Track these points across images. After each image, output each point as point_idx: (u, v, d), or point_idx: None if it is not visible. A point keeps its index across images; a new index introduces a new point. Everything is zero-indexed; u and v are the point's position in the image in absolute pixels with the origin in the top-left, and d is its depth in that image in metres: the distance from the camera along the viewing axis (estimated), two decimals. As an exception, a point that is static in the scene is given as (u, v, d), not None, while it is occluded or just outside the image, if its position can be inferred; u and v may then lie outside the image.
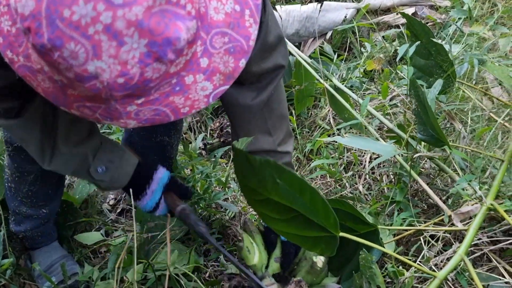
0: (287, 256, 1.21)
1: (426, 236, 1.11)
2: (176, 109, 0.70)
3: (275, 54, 1.07)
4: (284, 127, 1.17)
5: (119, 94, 0.64)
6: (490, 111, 1.27)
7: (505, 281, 0.98)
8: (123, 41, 0.59)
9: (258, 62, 1.05)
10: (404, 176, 1.25)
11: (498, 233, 1.08)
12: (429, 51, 1.28)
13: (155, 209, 1.13)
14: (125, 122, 0.70)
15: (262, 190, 0.94)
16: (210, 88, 0.72)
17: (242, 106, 1.10)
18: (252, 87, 1.09)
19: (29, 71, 0.67)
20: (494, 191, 1.03)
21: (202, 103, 0.72)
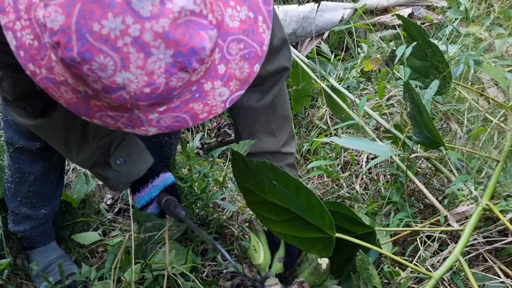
0: (291, 256, 1.22)
1: (422, 236, 1.11)
2: (195, 115, 0.72)
3: (280, 56, 1.09)
4: (287, 128, 1.18)
5: (144, 103, 0.66)
6: (486, 112, 1.28)
7: (501, 281, 0.98)
8: (150, 52, 0.61)
9: (264, 65, 1.06)
10: (400, 176, 1.26)
11: (494, 233, 1.09)
12: (425, 53, 1.29)
13: (148, 204, 1.13)
14: (146, 129, 0.72)
15: (259, 191, 0.95)
16: (227, 93, 0.73)
17: (247, 108, 1.11)
18: (256, 89, 1.10)
19: (51, 83, 0.68)
20: (490, 191, 1.03)
21: (219, 108, 0.74)
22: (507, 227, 1.08)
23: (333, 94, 1.53)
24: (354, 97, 1.52)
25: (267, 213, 0.99)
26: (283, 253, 1.23)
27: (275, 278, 1.18)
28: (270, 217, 0.99)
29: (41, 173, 1.23)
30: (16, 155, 1.20)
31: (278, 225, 1.00)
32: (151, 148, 1.45)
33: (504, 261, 1.07)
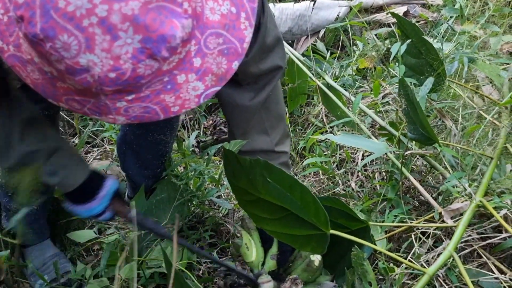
0: (284, 254, 1.22)
1: (417, 233, 1.12)
2: (166, 108, 0.70)
3: (273, 55, 1.08)
4: (281, 127, 1.17)
5: (109, 89, 0.64)
6: (480, 109, 1.28)
7: (495, 276, 0.99)
8: (117, 35, 0.59)
9: (256, 63, 1.05)
10: (395, 174, 1.26)
11: (488, 230, 1.09)
12: (419, 50, 1.29)
13: (100, 214, 1.11)
14: (114, 118, 0.70)
15: (253, 190, 0.94)
16: (201, 88, 0.71)
17: (240, 106, 1.10)
18: (249, 88, 1.09)
19: (18, 61, 0.67)
20: (483, 188, 1.04)
21: (193, 103, 0.72)
22: (501, 224, 1.09)
23: (329, 92, 1.53)
24: (349, 95, 1.52)
25: (260, 211, 0.99)
26: (276, 250, 1.24)
27: (268, 275, 1.19)
28: (263, 215, 0.99)
29: None
30: None
31: (271, 224, 0.99)
32: (147, 146, 1.45)
33: (498, 257, 1.07)
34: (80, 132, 1.99)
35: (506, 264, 1.04)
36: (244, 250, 1.21)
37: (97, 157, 1.96)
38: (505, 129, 1.16)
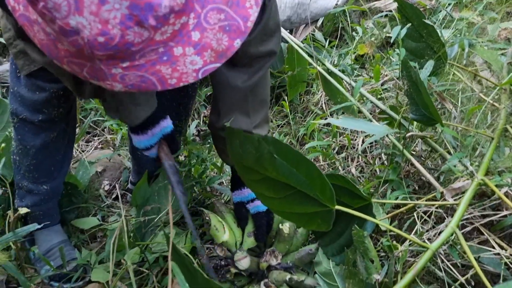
0: (260, 228, 1.25)
1: (419, 212, 1.13)
2: (163, 79, 0.71)
3: (273, 39, 1.10)
4: (263, 112, 1.19)
5: (100, 53, 0.65)
6: (481, 92, 1.30)
7: (496, 252, 1.01)
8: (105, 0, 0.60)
9: (257, 44, 1.07)
10: (396, 156, 1.27)
11: (488, 209, 1.11)
12: (420, 34, 1.30)
13: (147, 149, 1.14)
14: (111, 84, 0.71)
15: (259, 168, 0.95)
16: (200, 63, 0.71)
17: (233, 87, 1.12)
18: (244, 70, 1.11)
19: (27, 20, 0.68)
20: (484, 167, 1.06)
21: (191, 77, 0.72)
22: (501, 202, 1.11)
23: (330, 78, 1.54)
24: (350, 80, 1.53)
25: (267, 191, 1.00)
26: (252, 227, 1.26)
27: (244, 252, 1.22)
28: (269, 195, 1.00)
29: (42, 146, 1.23)
30: (19, 126, 1.21)
31: (277, 203, 1.01)
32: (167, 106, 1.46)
33: (499, 235, 1.09)
34: (81, 122, 1.99)
35: (506, 241, 1.06)
36: (214, 232, 1.24)
37: (98, 146, 1.97)
38: (505, 110, 1.17)
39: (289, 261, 1.24)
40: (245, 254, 1.21)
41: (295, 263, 1.22)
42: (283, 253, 1.25)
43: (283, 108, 2.03)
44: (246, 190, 1.26)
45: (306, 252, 1.19)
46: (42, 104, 1.15)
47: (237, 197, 1.28)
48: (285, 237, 1.22)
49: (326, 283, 1.17)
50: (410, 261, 1.08)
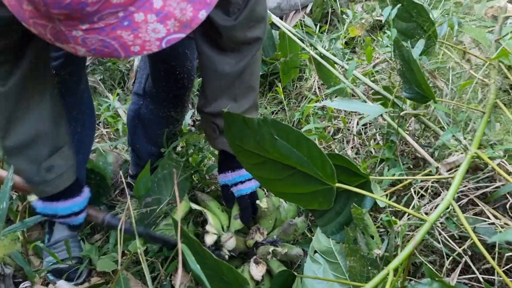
0: (245, 210, 1.29)
1: (416, 187, 1.17)
2: (125, 45, 0.71)
3: (260, 26, 1.11)
4: (250, 98, 1.21)
5: (55, 11, 0.65)
6: (470, 69, 1.33)
7: (491, 222, 1.04)
8: None
9: (243, 29, 1.09)
10: (392, 135, 1.30)
11: (482, 181, 1.15)
12: (410, 14, 1.33)
13: (78, 213, 1.18)
14: (74, 47, 0.71)
15: (260, 150, 0.97)
16: (163, 31, 0.71)
17: (220, 72, 1.14)
18: (232, 55, 1.13)
19: None
20: (477, 140, 1.09)
21: (154, 46, 0.72)
22: (494, 174, 1.14)
23: (323, 61, 1.56)
24: (342, 63, 1.55)
25: (267, 173, 1.02)
26: (237, 209, 1.30)
27: (229, 232, 1.25)
28: (270, 177, 1.02)
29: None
30: None
31: (278, 184, 1.02)
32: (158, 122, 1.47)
33: (493, 206, 1.13)
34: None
35: (501, 211, 1.10)
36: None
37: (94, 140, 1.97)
38: (495, 85, 1.20)
39: (275, 235, 1.27)
40: (231, 235, 1.24)
41: (280, 236, 1.26)
42: (269, 228, 1.28)
43: (277, 95, 2.05)
44: (231, 174, 1.28)
45: (288, 224, 1.23)
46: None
47: (222, 180, 1.31)
48: (265, 212, 1.26)
49: (328, 261, 1.20)
50: (409, 235, 1.11)
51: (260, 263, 1.21)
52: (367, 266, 1.04)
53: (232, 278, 0.89)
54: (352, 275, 1.08)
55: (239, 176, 1.28)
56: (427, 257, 1.12)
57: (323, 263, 1.18)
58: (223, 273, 0.91)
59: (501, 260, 1.04)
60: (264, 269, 1.21)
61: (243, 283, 0.89)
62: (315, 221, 1.26)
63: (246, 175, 1.28)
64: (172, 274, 1.34)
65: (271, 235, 1.29)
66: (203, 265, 0.88)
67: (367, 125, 1.67)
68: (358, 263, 1.08)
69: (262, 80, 2.15)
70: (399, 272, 0.90)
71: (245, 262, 1.29)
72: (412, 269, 1.15)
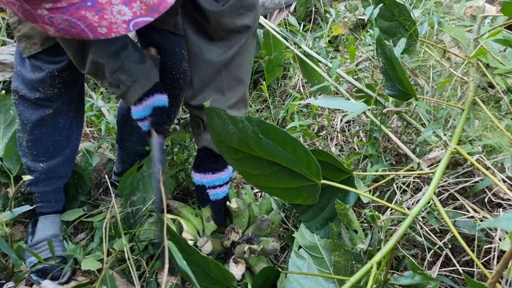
0: (218, 213, 1.29)
1: (398, 183, 1.19)
2: (91, 26, 0.71)
3: (250, 14, 1.10)
4: (239, 91, 1.18)
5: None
6: (450, 67, 1.36)
7: (470, 215, 1.07)
8: None
9: (232, 16, 1.08)
10: (375, 132, 1.33)
11: (461, 176, 1.18)
12: (392, 13, 1.35)
13: (141, 120, 1.17)
14: (43, 26, 0.72)
15: (244, 147, 0.97)
16: (129, 14, 0.71)
17: (207, 61, 1.12)
18: (220, 44, 1.12)
19: None
20: (457, 136, 1.12)
21: (121, 28, 0.72)
22: (473, 170, 1.18)
23: (307, 59, 1.58)
24: (326, 61, 1.57)
25: (251, 168, 1.02)
26: (209, 212, 1.30)
27: (204, 237, 1.26)
28: (254, 172, 1.02)
29: (38, 122, 1.27)
30: (19, 103, 1.27)
31: (263, 179, 1.03)
32: None
33: (473, 201, 1.16)
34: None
35: (480, 205, 1.13)
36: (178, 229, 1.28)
37: (78, 139, 1.95)
38: (474, 82, 1.24)
39: (250, 233, 1.28)
40: (206, 239, 1.25)
41: (255, 233, 1.27)
42: (243, 227, 1.29)
43: (262, 93, 2.06)
44: (210, 176, 1.26)
45: (260, 220, 1.24)
46: (38, 83, 1.20)
47: (198, 180, 1.29)
48: (236, 212, 1.26)
49: (312, 256, 1.21)
50: (392, 230, 1.14)
51: (239, 262, 1.22)
52: (351, 260, 1.06)
53: (218, 274, 0.90)
54: (336, 270, 1.09)
55: (219, 180, 1.26)
56: (409, 251, 1.15)
57: (307, 258, 1.20)
58: (209, 269, 0.91)
59: (480, 252, 1.07)
60: (243, 267, 1.22)
61: (230, 279, 0.90)
62: (299, 217, 1.28)
63: (225, 178, 1.27)
64: (157, 272, 1.34)
65: (247, 233, 1.30)
66: (190, 262, 0.88)
67: (351, 123, 1.70)
68: (343, 258, 1.10)
69: (247, 79, 2.17)
70: (382, 266, 0.92)
71: (224, 262, 1.29)
72: (394, 262, 1.17)
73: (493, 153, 1.14)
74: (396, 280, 0.91)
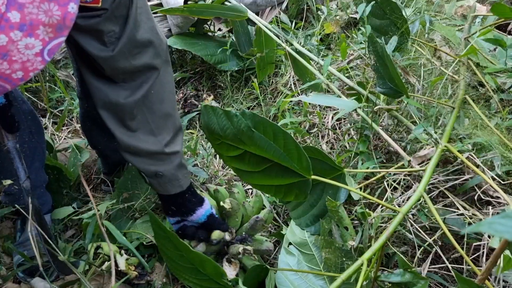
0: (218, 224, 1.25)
1: (389, 180, 1.20)
2: (4, 76, 0.63)
3: (147, 52, 1.01)
4: (170, 126, 1.10)
5: None
6: (441, 66, 1.37)
7: (460, 213, 1.08)
8: None
9: (126, 57, 0.98)
10: (366, 129, 1.33)
11: (451, 174, 1.19)
12: (383, 11, 1.35)
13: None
14: None
15: (238, 143, 0.98)
16: (38, 44, 0.63)
17: (115, 104, 1.03)
18: (126, 85, 1.03)
19: None
20: (447, 134, 1.12)
21: (37, 63, 0.64)
22: (463, 168, 1.19)
23: (298, 56, 1.57)
24: (318, 59, 1.57)
25: (245, 166, 1.03)
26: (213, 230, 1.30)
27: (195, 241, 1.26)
28: (247, 169, 1.03)
29: None
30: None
31: (255, 177, 1.04)
32: None
33: (462, 198, 1.17)
34: (51, 112, 1.96)
35: (469, 202, 1.14)
36: None
37: (67, 135, 1.93)
38: (464, 81, 1.24)
39: (244, 232, 1.28)
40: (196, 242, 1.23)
41: (249, 233, 1.27)
42: (237, 226, 1.29)
43: (253, 90, 2.06)
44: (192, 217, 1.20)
45: (254, 220, 1.24)
46: None
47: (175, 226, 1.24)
48: (230, 212, 1.26)
49: (302, 253, 1.21)
50: (383, 227, 1.14)
51: (233, 262, 1.22)
52: (342, 257, 1.06)
53: (210, 270, 0.90)
54: (327, 267, 1.10)
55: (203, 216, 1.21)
56: (399, 248, 1.15)
57: (297, 255, 1.20)
58: (201, 265, 0.91)
59: (469, 250, 1.08)
60: (237, 267, 1.22)
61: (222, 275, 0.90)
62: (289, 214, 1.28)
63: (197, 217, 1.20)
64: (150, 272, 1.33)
65: (240, 232, 1.30)
66: (181, 258, 0.88)
67: (342, 120, 1.70)
68: (333, 255, 1.11)
69: (238, 76, 2.16)
70: (372, 263, 0.92)
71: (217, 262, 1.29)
72: (385, 260, 1.18)
73: (483, 151, 1.15)
74: (386, 277, 0.91)
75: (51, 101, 2.03)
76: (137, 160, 1.10)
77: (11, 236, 1.43)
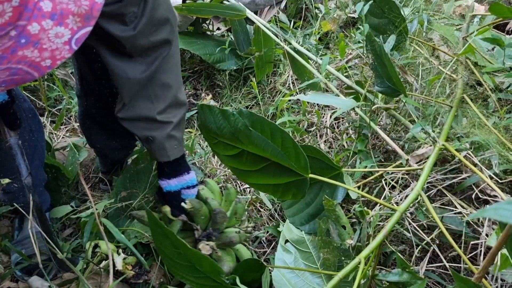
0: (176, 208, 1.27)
1: (387, 179, 1.20)
2: (34, 64, 0.65)
3: (164, 29, 1.06)
4: (167, 97, 1.13)
5: None
6: (439, 65, 1.37)
7: (458, 211, 1.08)
8: None
9: (146, 36, 1.03)
10: (364, 128, 1.33)
11: (449, 172, 1.19)
12: (382, 10, 1.35)
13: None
14: None
15: (235, 142, 0.98)
16: (67, 33, 0.65)
17: (132, 79, 1.08)
18: (141, 60, 1.08)
19: None
20: (445, 133, 1.12)
21: (65, 52, 0.66)
22: (460, 166, 1.19)
23: (297, 56, 1.57)
24: (316, 58, 1.57)
25: (242, 165, 1.03)
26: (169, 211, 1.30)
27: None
28: (245, 168, 1.03)
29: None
30: None
31: (253, 176, 1.04)
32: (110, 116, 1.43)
33: (460, 197, 1.17)
34: (49, 111, 1.96)
35: (467, 201, 1.14)
36: None
37: (65, 134, 1.93)
38: (462, 80, 1.24)
39: (210, 228, 1.28)
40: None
41: (214, 227, 1.27)
42: (204, 223, 1.29)
43: (251, 89, 2.06)
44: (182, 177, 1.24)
45: (213, 215, 1.24)
46: None
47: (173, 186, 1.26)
48: (193, 211, 1.26)
49: (299, 250, 1.21)
50: (381, 225, 1.14)
51: None
52: (340, 256, 1.06)
53: (207, 267, 0.90)
54: (326, 267, 1.10)
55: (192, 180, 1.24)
56: (397, 247, 1.15)
57: (294, 252, 1.20)
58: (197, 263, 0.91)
59: (467, 248, 1.08)
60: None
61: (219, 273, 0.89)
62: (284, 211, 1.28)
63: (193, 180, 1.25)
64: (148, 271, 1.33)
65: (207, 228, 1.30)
66: (177, 256, 0.88)
67: (340, 119, 1.70)
68: (332, 255, 1.11)
69: (237, 75, 2.16)
70: (370, 261, 0.92)
71: None
72: (382, 258, 1.18)
73: (481, 150, 1.15)
74: (384, 276, 0.91)
75: (49, 100, 2.02)
76: (131, 124, 1.14)
77: (9, 235, 1.43)
